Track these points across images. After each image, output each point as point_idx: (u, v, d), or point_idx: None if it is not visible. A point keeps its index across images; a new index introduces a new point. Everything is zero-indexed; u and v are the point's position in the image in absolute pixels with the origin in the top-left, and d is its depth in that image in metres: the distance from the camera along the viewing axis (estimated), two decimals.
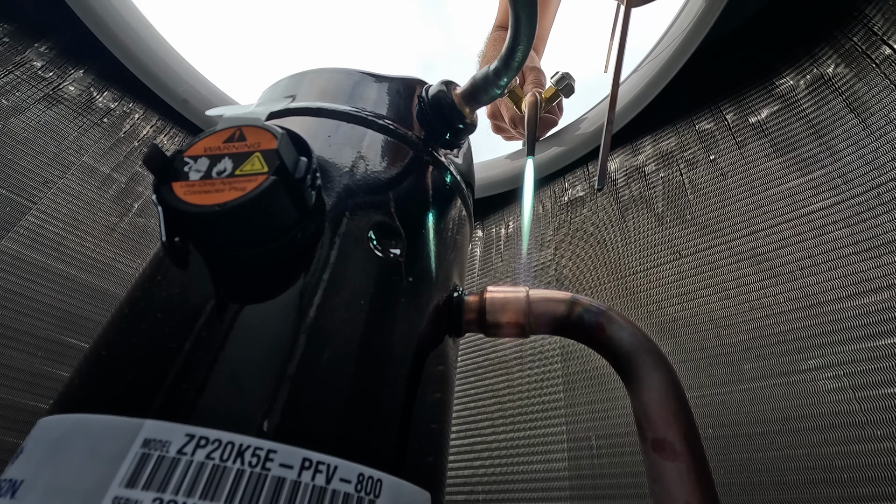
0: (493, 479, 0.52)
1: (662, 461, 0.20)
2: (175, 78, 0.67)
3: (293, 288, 0.19)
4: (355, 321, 0.20)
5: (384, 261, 0.22)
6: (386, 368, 0.20)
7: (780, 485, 0.35)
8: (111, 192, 0.58)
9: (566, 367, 0.53)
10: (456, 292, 0.27)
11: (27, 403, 0.44)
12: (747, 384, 0.40)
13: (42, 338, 0.47)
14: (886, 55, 0.45)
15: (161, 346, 0.17)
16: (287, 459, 0.15)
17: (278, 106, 0.29)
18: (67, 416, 0.16)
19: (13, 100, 0.55)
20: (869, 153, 0.42)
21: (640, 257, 0.54)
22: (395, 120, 0.29)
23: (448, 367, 0.25)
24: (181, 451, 0.14)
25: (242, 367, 0.16)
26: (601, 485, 0.44)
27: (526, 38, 0.26)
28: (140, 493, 0.13)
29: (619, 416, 0.46)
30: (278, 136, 0.18)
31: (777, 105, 0.53)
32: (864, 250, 0.39)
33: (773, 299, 0.42)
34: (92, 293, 0.52)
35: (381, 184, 0.25)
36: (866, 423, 0.34)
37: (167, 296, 0.19)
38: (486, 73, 0.29)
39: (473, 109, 0.31)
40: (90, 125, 0.60)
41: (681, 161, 0.58)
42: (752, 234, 0.47)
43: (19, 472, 0.15)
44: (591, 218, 0.64)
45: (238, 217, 0.17)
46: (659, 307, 0.49)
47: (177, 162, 0.18)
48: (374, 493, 0.16)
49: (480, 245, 0.78)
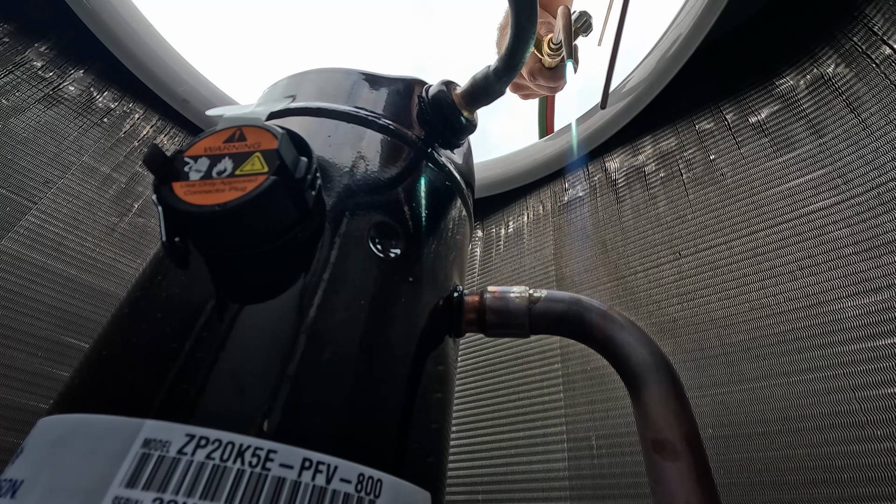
0: (493, 479, 0.52)
1: (663, 461, 0.20)
2: (175, 78, 0.67)
3: (293, 288, 0.19)
4: (355, 321, 0.20)
5: (384, 261, 0.22)
6: (386, 368, 0.20)
7: (780, 485, 0.35)
8: (111, 192, 0.58)
9: (566, 367, 0.53)
10: (456, 292, 0.27)
11: (27, 403, 0.44)
12: (747, 384, 0.40)
13: (42, 338, 0.47)
14: (886, 55, 0.45)
15: (161, 346, 0.17)
16: (287, 459, 0.15)
17: (278, 106, 0.29)
18: (68, 416, 0.16)
19: (13, 100, 0.55)
20: (869, 153, 0.42)
21: (640, 257, 0.54)
22: (395, 120, 0.29)
23: (448, 367, 0.25)
24: (181, 451, 0.14)
25: (242, 368, 0.16)
26: (601, 485, 0.44)
27: (526, 39, 0.26)
28: (140, 493, 0.13)
29: (619, 416, 0.46)
30: (278, 136, 0.18)
31: (777, 105, 0.53)
32: (864, 250, 0.39)
33: (773, 299, 0.42)
34: (92, 293, 0.52)
35: (382, 184, 0.25)
36: (866, 423, 0.34)
37: (167, 296, 0.19)
38: (486, 73, 0.29)
39: (473, 109, 0.31)
40: (90, 125, 0.60)
41: (681, 161, 0.58)
42: (751, 234, 0.47)
43: (19, 472, 0.15)
44: (591, 218, 0.64)
45: (238, 217, 0.17)
46: (659, 307, 0.49)
47: (177, 162, 0.18)
48: (375, 493, 0.16)
49: (480, 245, 0.78)
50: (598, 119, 0.70)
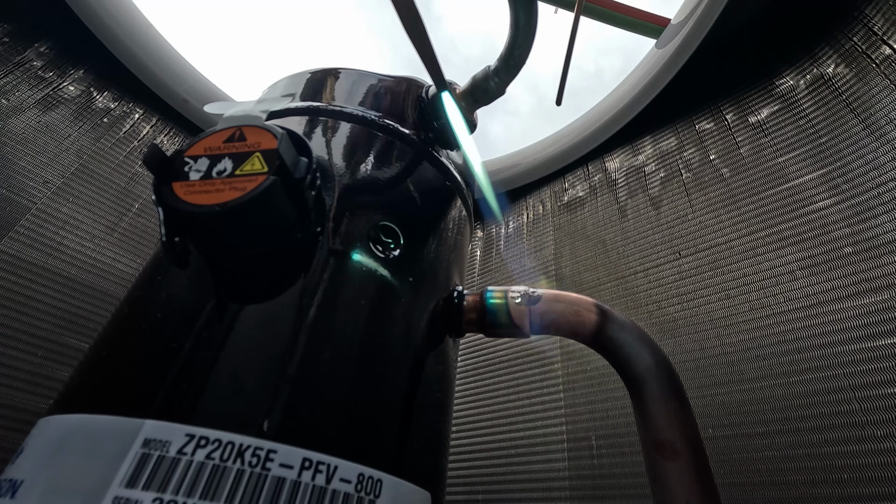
0: (493, 479, 0.52)
1: (663, 461, 0.20)
2: (175, 78, 0.67)
3: (293, 288, 0.19)
4: (355, 321, 0.20)
5: (384, 261, 0.22)
6: (386, 368, 0.20)
7: (780, 485, 0.35)
8: (111, 193, 0.58)
9: (566, 368, 0.53)
10: (456, 292, 0.27)
11: (27, 403, 0.44)
12: (747, 384, 0.40)
13: (42, 338, 0.47)
14: (886, 55, 0.45)
15: (161, 346, 0.17)
16: (287, 459, 0.15)
17: (278, 105, 0.29)
18: (68, 416, 0.16)
19: (13, 100, 0.55)
20: (869, 153, 0.42)
21: (640, 257, 0.54)
22: (395, 119, 0.28)
23: (448, 367, 0.25)
24: (181, 451, 0.14)
25: (242, 368, 0.16)
26: (601, 485, 0.44)
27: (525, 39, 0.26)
28: (140, 493, 0.13)
29: (619, 416, 0.46)
30: (278, 136, 0.18)
31: (777, 105, 0.52)
32: (865, 250, 0.39)
33: (773, 299, 0.42)
34: (92, 293, 0.52)
35: (381, 183, 0.25)
36: (866, 423, 0.34)
37: (167, 296, 0.19)
38: (486, 73, 0.29)
39: (473, 109, 0.31)
40: (90, 125, 0.60)
41: (681, 161, 0.58)
42: (751, 234, 0.47)
43: (20, 472, 0.15)
44: (591, 218, 0.64)
45: (238, 217, 0.17)
46: (659, 307, 0.49)
47: (177, 162, 0.18)
48: (375, 492, 0.16)
49: (480, 245, 0.78)
50: (599, 119, 0.70)
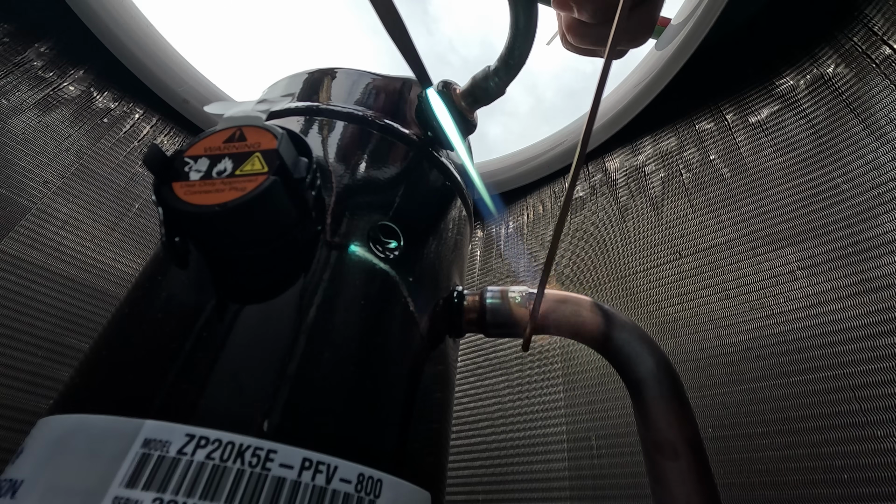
0: (493, 479, 0.52)
1: (664, 461, 0.20)
2: (175, 78, 0.67)
3: (293, 288, 0.19)
4: (355, 321, 0.20)
5: (384, 261, 0.22)
6: (386, 368, 0.20)
7: (780, 485, 0.35)
8: (111, 193, 0.58)
9: (566, 367, 0.53)
10: (456, 292, 0.27)
11: (27, 403, 0.44)
12: (747, 384, 0.40)
13: (42, 338, 0.47)
14: (886, 55, 0.45)
15: (161, 345, 0.17)
16: (287, 459, 0.15)
17: (278, 105, 0.29)
18: (68, 416, 0.16)
19: (13, 100, 0.55)
20: (869, 153, 0.42)
21: (640, 257, 0.54)
22: (394, 119, 0.29)
23: (448, 367, 0.25)
24: (181, 451, 0.14)
25: (242, 367, 0.16)
26: (601, 485, 0.44)
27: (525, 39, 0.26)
28: (140, 494, 0.13)
29: (619, 416, 0.46)
30: (279, 136, 0.18)
31: (777, 105, 0.52)
32: (865, 250, 0.39)
33: (773, 300, 0.42)
34: (92, 293, 0.52)
35: (381, 183, 0.25)
36: (866, 423, 0.34)
37: (167, 296, 0.19)
38: (486, 73, 0.29)
39: (473, 109, 0.31)
40: (90, 126, 0.60)
41: (681, 161, 0.58)
42: (751, 234, 0.47)
43: (19, 472, 0.15)
44: (591, 218, 0.64)
45: (238, 217, 0.17)
46: (659, 307, 0.49)
47: (177, 162, 0.18)
48: (375, 493, 0.16)
49: (480, 245, 0.78)
50: (599, 119, 0.70)
